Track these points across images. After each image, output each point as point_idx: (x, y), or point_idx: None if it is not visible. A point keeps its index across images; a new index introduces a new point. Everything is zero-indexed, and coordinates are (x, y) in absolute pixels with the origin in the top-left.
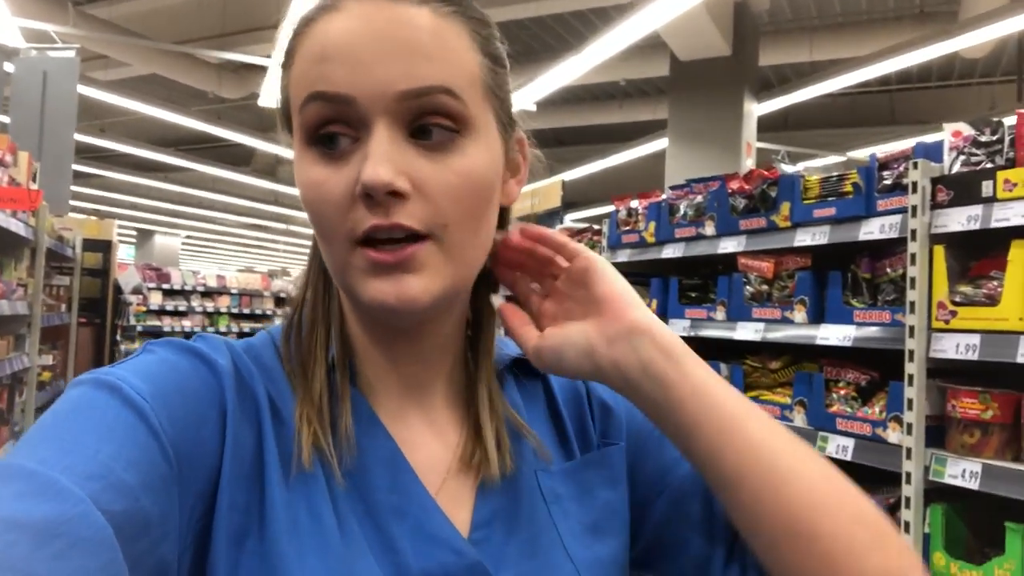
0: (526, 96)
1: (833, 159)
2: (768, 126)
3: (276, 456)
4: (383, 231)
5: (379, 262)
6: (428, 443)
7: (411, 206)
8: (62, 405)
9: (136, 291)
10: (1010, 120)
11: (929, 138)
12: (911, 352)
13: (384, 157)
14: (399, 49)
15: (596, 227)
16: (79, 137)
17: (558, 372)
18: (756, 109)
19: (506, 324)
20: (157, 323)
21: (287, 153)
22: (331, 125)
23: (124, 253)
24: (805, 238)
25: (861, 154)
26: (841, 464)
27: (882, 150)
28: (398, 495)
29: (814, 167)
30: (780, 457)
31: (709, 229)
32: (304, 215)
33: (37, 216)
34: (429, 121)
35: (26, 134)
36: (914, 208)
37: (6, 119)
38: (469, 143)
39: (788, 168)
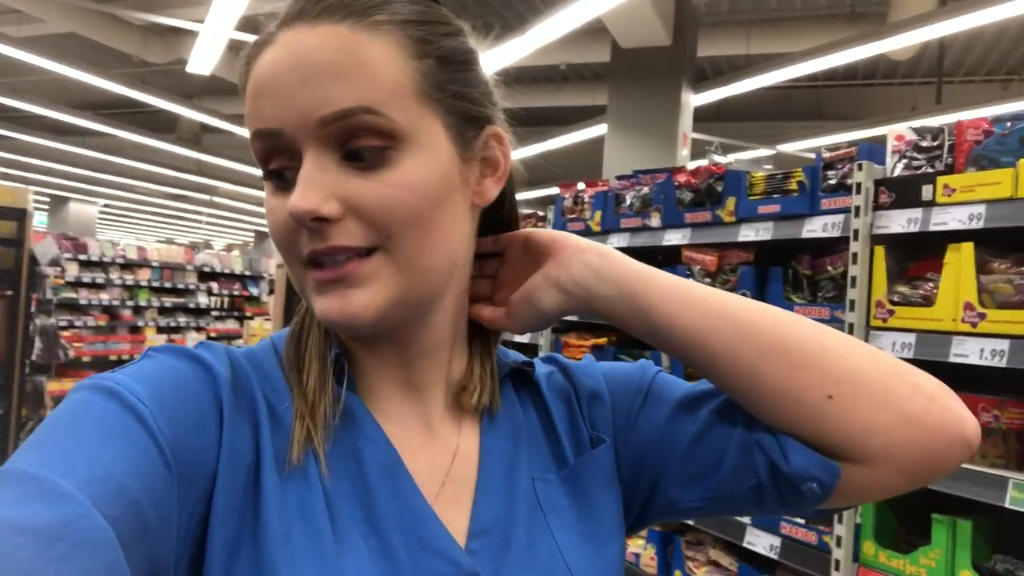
0: None
1: (763, 151)
2: (701, 117)
3: (272, 461)
4: (322, 255)
5: (321, 280)
6: (427, 448)
7: (348, 226)
8: (62, 410)
9: (54, 263)
10: (949, 123)
11: (859, 135)
12: None
13: (309, 185)
14: (314, 75)
15: (540, 213)
16: None
17: (537, 321)
18: (693, 100)
19: (476, 316)
20: (74, 295)
21: (212, 121)
22: (274, 157)
23: (37, 221)
24: (749, 233)
25: (790, 147)
26: None
27: (810, 144)
28: (396, 503)
29: (744, 159)
30: (739, 310)
31: (655, 220)
32: (229, 187)
33: None
34: (357, 143)
35: None
36: (857, 208)
37: None
38: (405, 155)
39: (721, 159)
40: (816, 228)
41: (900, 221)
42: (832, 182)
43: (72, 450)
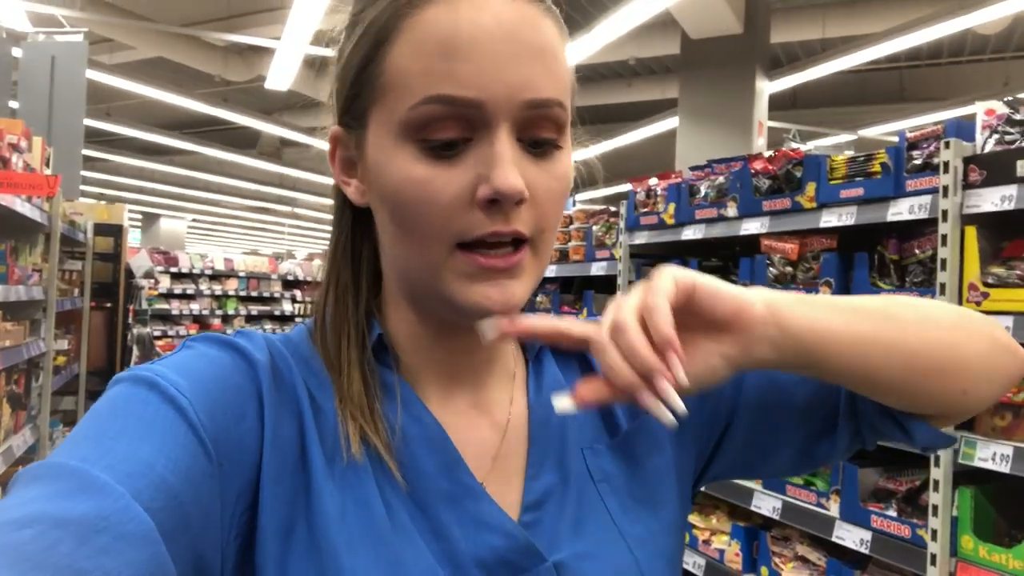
0: None
1: (844, 137)
2: (776, 105)
3: (319, 446)
4: (502, 236)
5: (489, 267)
6: (476, 426)
7: (524, 212)
8: (103, 403)
9: (148, 275)
10: None
11: (946, 115)
12: None
13: (513, 165)
14: (529, 53)
15: (612, 208)
16: (85, 121)
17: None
18: (767, 87)
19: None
20: (166, 306)
21: (291, 135)
22: (446, 126)
23: (131, 237)
24: (831, 219)
25: (872, 132)
26: None
27: (893, 128)
28: (447, 481)
29: (824, 145)
30: (903, 334)
31: (731, 210)
32: (309, 198)
33: (51, 202)
34: (541, 133)
35: (35, 119)
36: (945, 188)
37: (15, 104)
38: (563, 151)
39: (799, 147)
40: (902, 211)
41: (993, 199)
42: (917, 162)
43: (112, 444)
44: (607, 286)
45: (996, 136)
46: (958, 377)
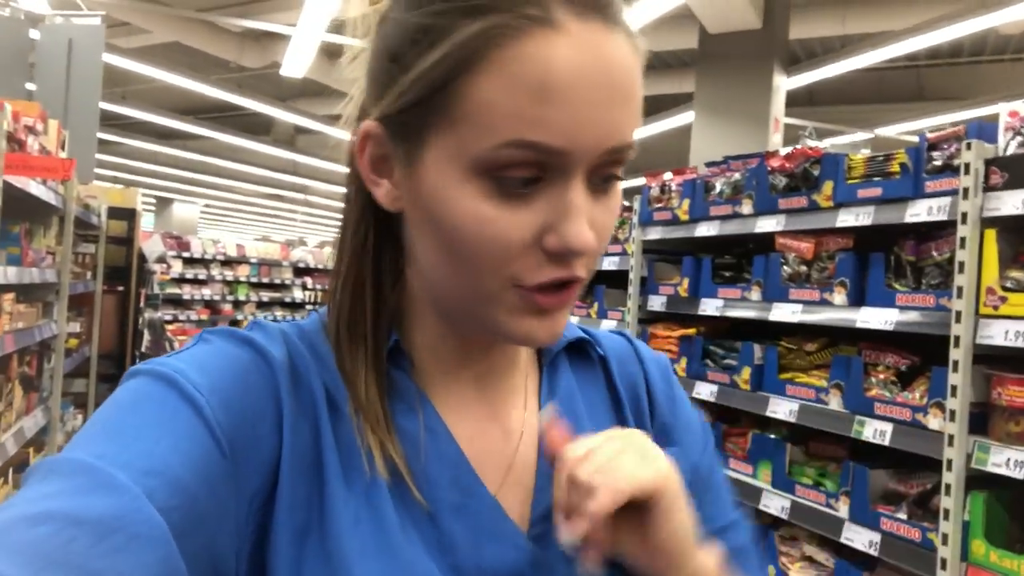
0: None
1: (861, 136)
2: (793, 101)
3: (335, 451)
4: (562, 281)
5: (547, 305)
6: (490, 435)
7: (585, 256)
8: (120, 396)
9: (160, 259)
10: None
11: (964, 115)
12: (956, 338)
13: (584, 218)
14: (620, 98)
15: (626, 203)
16: (100, 105)
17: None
18: (784, 83)
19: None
20: (178, 291)
21: (306, 123)
22: (524, 167)
23: (144, 221)
24: (848, 218)
25: (889, 131)
26: (879, 449)
27: (910, 127)
28: (459, 493)
29: (840, 143)
30: None
31: (747, 207)
32: (322, 186)
33: (66, 184)
34: (609, 172)
35: (52, 101)
36: (965, 190)
37: (32, 87)
38: (620, 179)
39: (815, 144)
40: (920, 212)
41: (1014, 202)
42: (937, 163)
43: (129, 440)
44: (619, 281)
45: (1019, 138)
46: None
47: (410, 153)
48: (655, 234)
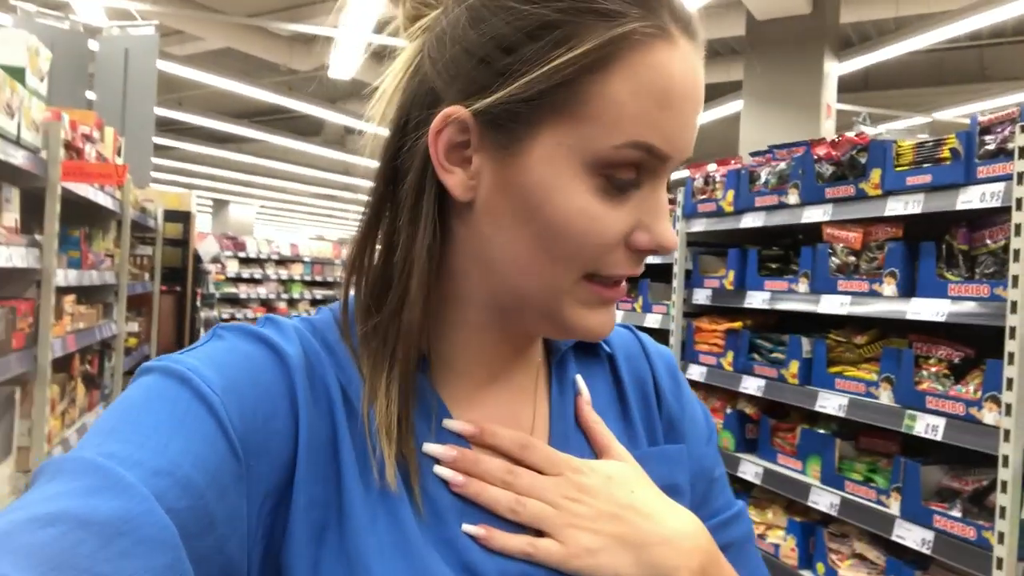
0: None
1: (918, 120)
2: (846, 87)
3: (351, 450)
4: (633, 275)
5: (609, 298)
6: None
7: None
8: (132, 394)
9: (215, 260)
10: None
11: None
12: (1012, 329)
13: (669, 219)
14: (698, 113)
15: (669, 195)
16: (157, 111)
17: None
18: (836, 69)
19: None
20: (234, 290)
21: (355, 124)
22: (628, 168)
23: (201, 223)
24: (897, 207)
25: (948, 115)
26: (931, 444)
27: (971, 110)
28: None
29: (896, 129)
30: None
31: (792, 197)
32: (371, 185)
33: (123, 189)
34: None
35: (110, 109)
36: (1020, 175)
37: (92, 96)
38: None
39: (870, 130)
40: (972, 199)
41: None
42: (990, 147)
43: (141, 440)
44: (663, 275)
45: None
46: None
47: (511, 144)
48: (699, 226)
